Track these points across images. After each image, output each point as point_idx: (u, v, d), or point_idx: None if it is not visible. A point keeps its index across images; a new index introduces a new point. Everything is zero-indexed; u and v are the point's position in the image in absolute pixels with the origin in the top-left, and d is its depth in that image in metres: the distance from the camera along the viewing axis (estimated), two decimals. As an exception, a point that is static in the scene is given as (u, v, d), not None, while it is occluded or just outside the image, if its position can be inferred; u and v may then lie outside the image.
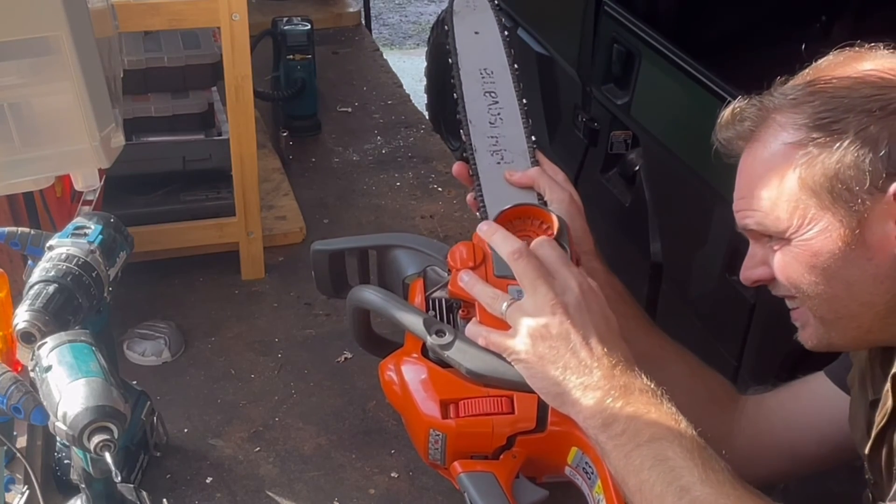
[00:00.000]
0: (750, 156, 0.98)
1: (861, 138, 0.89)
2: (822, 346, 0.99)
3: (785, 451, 1.17)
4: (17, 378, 1.05)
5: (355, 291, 1.10)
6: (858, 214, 0.90)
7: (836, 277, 0.92)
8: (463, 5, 1.24)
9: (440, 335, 0.98)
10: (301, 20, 2.50)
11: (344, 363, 1.70)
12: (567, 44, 2.71)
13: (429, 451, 0.99)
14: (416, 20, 6.64)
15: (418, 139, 2.62)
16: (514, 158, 1.15)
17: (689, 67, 2.09)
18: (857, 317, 0.94)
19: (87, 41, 1.15)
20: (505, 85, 1.20)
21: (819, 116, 0.91)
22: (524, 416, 0.96)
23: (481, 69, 1.21)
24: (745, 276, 1.02)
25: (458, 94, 1.18)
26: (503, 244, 0.98)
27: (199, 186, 1.96)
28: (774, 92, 0.97)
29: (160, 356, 1.69)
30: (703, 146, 1.06)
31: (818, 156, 0.91)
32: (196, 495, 1.41)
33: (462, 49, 1.22)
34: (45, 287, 1.14)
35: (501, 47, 1.22)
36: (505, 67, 1.21)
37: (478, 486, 0.94)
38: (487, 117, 1.17)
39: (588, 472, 0.96)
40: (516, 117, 1.18)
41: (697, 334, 2.13)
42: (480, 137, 1.16)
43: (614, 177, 2.54)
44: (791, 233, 0.93)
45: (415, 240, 1.17)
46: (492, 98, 1.19)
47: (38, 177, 1.22)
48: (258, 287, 1.92)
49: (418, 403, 0.99)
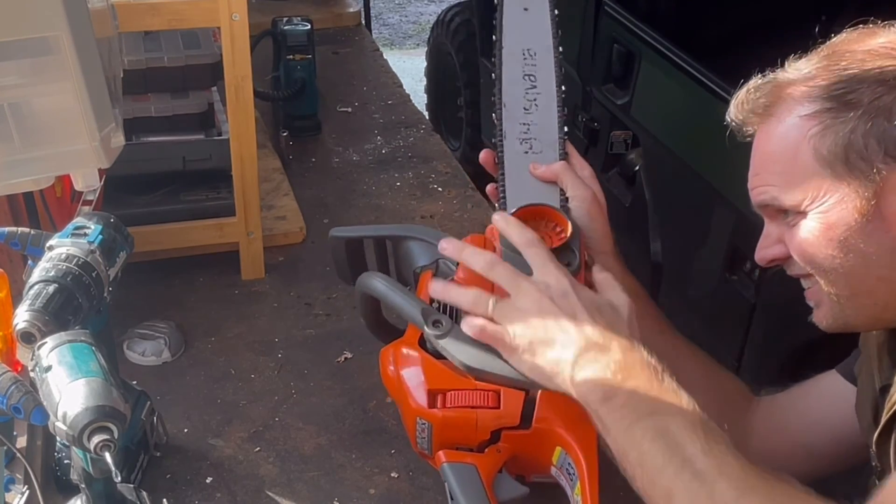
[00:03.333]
0: (764, 132, 0.98)
1: (875, 108, 0.88)
2: (837, 325, 0.98)
3: (800, 451, 1.16)
4: (17, 378, 1.05)
5: (363, 278, 1.12)
6: (874, 185, 0.89)
7: (853, 251, 0.91)
8: None
9: (436, 326, 0.99)
10: (301, 20, 2.50)
11: (344, 363, 1.70)
12: (567, 43, 2.72)
13: (417, 440, 1.01)
14: (416, 20, 6.64)
15: (418, 139, 2.62)
16: (542, 149, 1.12)
17: (689, 67, 2.09)
18: (874, 293, 0.93)
19: (87, 41, 1.15)
20: (546, 69, 1.16)
21: (833, 88, 0.91)
22: (509, 411, 0.97)
23: (525, 49, 1.16)
24: (761, 255, 1.01)
25: (496, 75, 1.13)
26: (477, 259, 0.97)
27: (199, 186, 1.96)
28: (788, 68, 0.97)
29: (160, 356, 1.69)
30: (703, 146, 1.06)
31: (831, 126, 0.90)
32: (196, 495, 1.41)
33: (508, 26, 1.16)
34: (45, 287, 1.14)
35: (549, 27, 1.18)
36: (549, 50, 1.17)
37: (458, 477, 0.96)
38: (523, 102, 1.13)
39: (570, 473, 0.97)
40: (552, 105, 1.14)
41: (697, 334, 2.13)
42: (512, 123, 1.12)
43: (614, 177, 2.54)
44: (806, 205, 0.93)
45: (429, 232, 1.19)
46: (530, 82, 1.15)
47: (38, 177, 1.22)
48: (258, 287, 1.92)
49: (409, 391, 1.01)
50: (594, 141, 2.59)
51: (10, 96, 1.13)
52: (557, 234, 1.09)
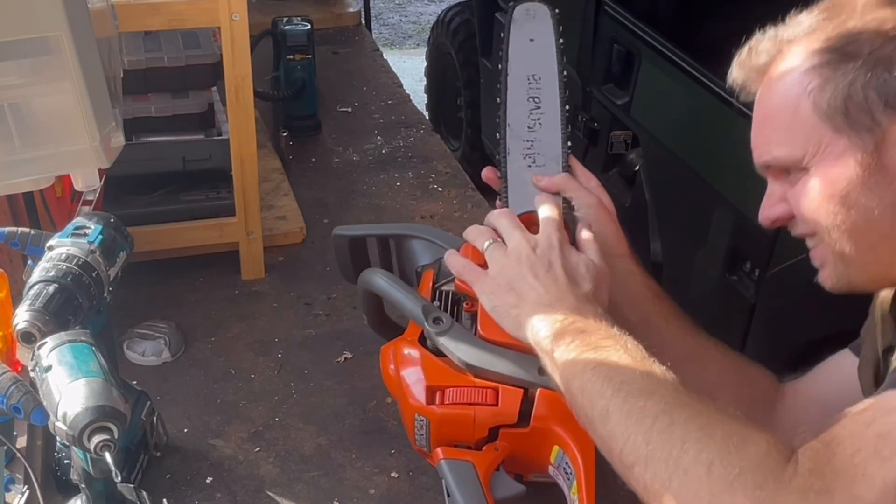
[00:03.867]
0: (765, 90, 0.96)
1: (874, 59, 0.87)
2: (841, 285, 0.96)
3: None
4: (17, 378, 1.05)
5: (365, 274, 1.13)
6: (875, 137, 0.87)
7: (856, 206, 0.90)
8: (523, 13, 1.23)
9: (437, 323, 1.00)
10: (301, 20, 2.50)
11: (344, 363, 1.70)
12: (567, 43, 2.71)
13: (415, 437, 1.01)
14: (416, 20, 6.64)
15: (418, 139, 2.62)
16: (545, 162, 1.16)
17: (689, 67, 2.09)
18: (877, 249, 0.92)
19: (87, 41, 1.15)
20: (551, 90, 1.20)
21: (832, 41, 0.90)
22: (507, 409, 0.98)
23: (530, 75, 1.20)
24: (764, 215, 1.00)
25: (502, 99, 1.18)
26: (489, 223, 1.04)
27: (199, 186, 1.96)
28: (789, 22, 0.96)
29: (160, 356, 1.69)
30: (703, 146, 1.06)
31: (831, 79, 0.89)
32: (196, 495, 1.41)
33: (514, 56, 1.21)
34: (45, 287, 1.14)
35: (554, 55, 1.22)
36: (554, 75, 1.21)
37: (455, 474, 0.97)
38: (527, 122, 1.18)
39: (567, 472, 0.98)
40: (556, 123, 1.18)
41: (697, 334, 2.13)
42: (516, 140, 1.16)
43: (614, 177, 2.53)
44: (807, 161, 0.91)
45: (432, 231, 1.22)
46: (535, 103, 1.19)
47: (38, 177, 1.22)
48: (258, 287, 1.92)
49: (407, 388, 1.01)
50: (594, 141, 2.59)
51: (10, 96, 1.13)
52: None
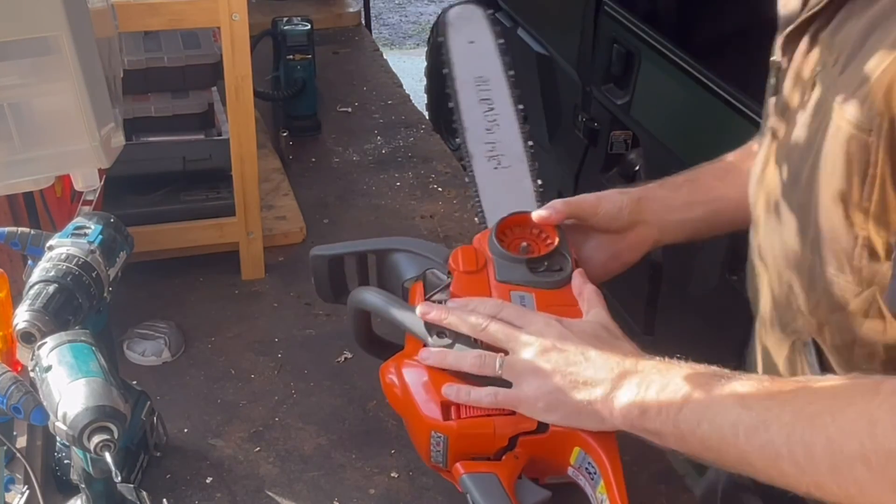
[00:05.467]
0: None
1: None
2: None
3: None
4: (17, 378, 1.05)
5: (357, 293, 1.10)
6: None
7: None
8: (457, 16, 1.26)
9: (441, 337, 0.98)
10: (301, 20, 2.50)
11: (344, 363, 1.70)
12: (567, 44, 2.72)
13: (431, 454, 0.99)
14: (416, 20, 6.64)
15: (418, 139, 2.62)
16: (511, 163, 1.16)
17: (689, 67, 2.09)
18: None
19: (87, 41, 1.15)
20: (500, 92, 1.22)
21: None
22: (526, 416, 0.96)
23: (476, 77, 1.22)
24: None
25: (454, 103, 1.20)
26: (463, 324, 0.98)
27: (199, 186, 1.95)
28: None
29: (160, 356, 1.69)
30: (703, 146, 1.06)
31: None
32: (196, 495, 1.41)
33: (457, 59, 1.23)
34: (45, 287, 1.14)
35: (497, 56, 1.24)
36: (500, 75, 1.23)
37: (480, 487, 0.94)
38: (484, 124, 1.19)
39: (591, 472, 0.96)
40: (513, 123, 1.19)
41: (697, 334, 2.13)
42: (477, 144, 1.17)
43: (614, 177, 2.54)
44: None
45: (414, 243, 1.17)
46: (488, 105, 1.21)
47: (38, 177, 1.22)
48: (258, 287, 1.92)
49: (419, 406, 0.99)
50: (594, 141, 2.59)
51: (10, 96, 1.13)
52: (544, 240, 1.09)
